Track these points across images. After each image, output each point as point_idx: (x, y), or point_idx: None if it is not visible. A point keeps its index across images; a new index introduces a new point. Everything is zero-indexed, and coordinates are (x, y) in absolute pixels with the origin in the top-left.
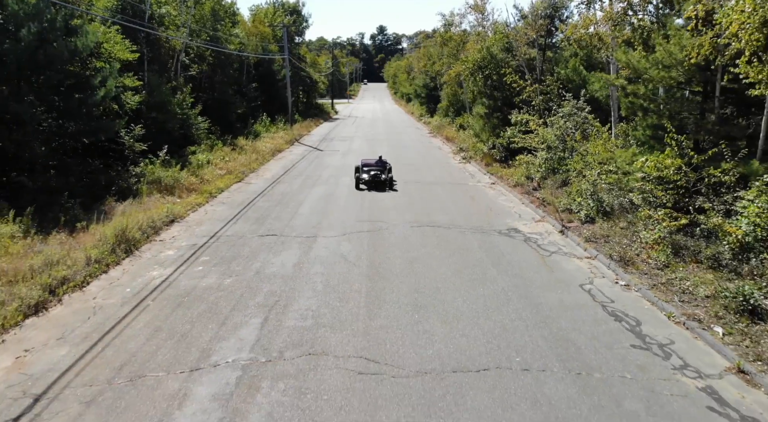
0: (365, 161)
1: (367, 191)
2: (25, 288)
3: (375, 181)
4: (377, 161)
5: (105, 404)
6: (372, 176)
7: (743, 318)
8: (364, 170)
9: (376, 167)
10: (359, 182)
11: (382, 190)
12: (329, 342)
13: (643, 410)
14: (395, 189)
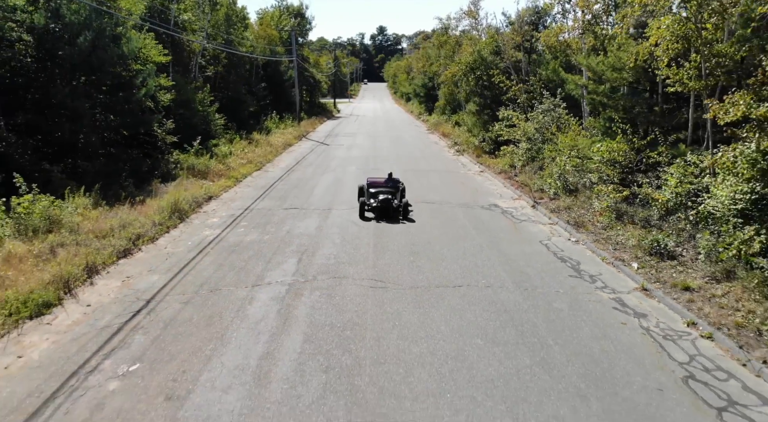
0: (372, 180)
1: None
2: (114, 240)
3: (384, 207)
4: (386, 180)
5: (197, 303)
6: (381, 202)
7: (654, 258)
8: (370, 193)
9: (386, 189)
10: (364, 210)
11: (394, 220)
12: (348, 271)
13: (567, 307)
14: (411, 219)
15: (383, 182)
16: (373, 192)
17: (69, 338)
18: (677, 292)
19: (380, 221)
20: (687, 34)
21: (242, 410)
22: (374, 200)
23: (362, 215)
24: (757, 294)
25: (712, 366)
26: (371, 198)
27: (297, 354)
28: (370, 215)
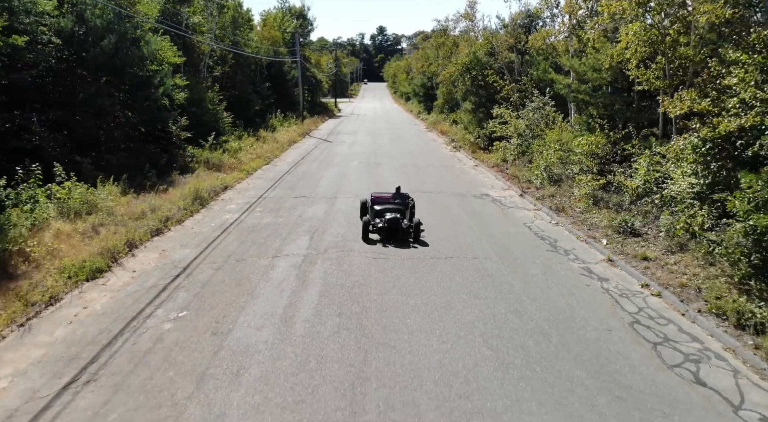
0: (377, 196)
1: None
2: (146, 221)
3: (392, 229)
4: (394, 195)
5: (227, 269)
6: (388, 222)
7: (622, 235)
8: (375, 211)
9: (394, 206)
10: (369, 231)
11: (403, 244)
12: (354, 246)
13: (541, 273)
14: (424, 242)
15: (390, 197)
16: (379, 210)
17: (123, 294)
18: (637, 262)
19: (387, 245)
20: (652, 39)
21: (274, 341)
22: (380, 220)
23: (366, 237)
24: (702, 261)
25: (656, 315)
26: (376, 217)
27: (315, 304)
28: (376, 237)
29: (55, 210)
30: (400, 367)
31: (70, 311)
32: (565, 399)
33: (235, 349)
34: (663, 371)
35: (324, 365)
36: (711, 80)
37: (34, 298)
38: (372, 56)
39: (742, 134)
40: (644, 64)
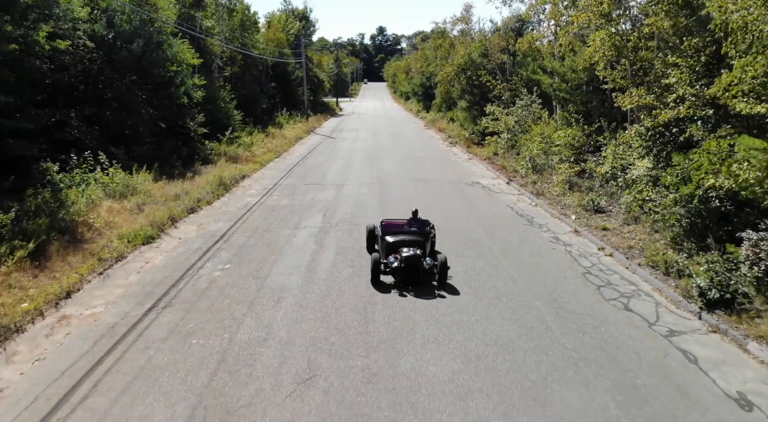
0: (389, 223)
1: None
2: (181, 202)
3: (411, 269)
4: (410, 222)
5: (257, 237)
6: (406, 262)
7: (589, 212)
8: (387, 243)
9: (410, 237)
10: (379, 271)
11: (426, 292)
12: (361, 221)
13: (516, 241)
14: (453, 289)
15: (404, 224)
16: (392, 242)
17: (176, 253)
18: (597, 231)
19: (405, 293)
20: (616, 44)
21: (303, 282)
22: (394, 258)
23: (377, 280)
24: (649, 229)
25: (605, 268)
26: (389, 252)
27: (331, 259)
28: (389, 280)
29: (101, 192)
30: (396, 304)
31: (136, 265)
32: (523, 318)
33: (274, 287)
34: (601, 302)
35: (342, 296)
36: (656, 79)
37: (104, 255)
38: (372, 56)
39: (678, 123)
40: (611, 65)
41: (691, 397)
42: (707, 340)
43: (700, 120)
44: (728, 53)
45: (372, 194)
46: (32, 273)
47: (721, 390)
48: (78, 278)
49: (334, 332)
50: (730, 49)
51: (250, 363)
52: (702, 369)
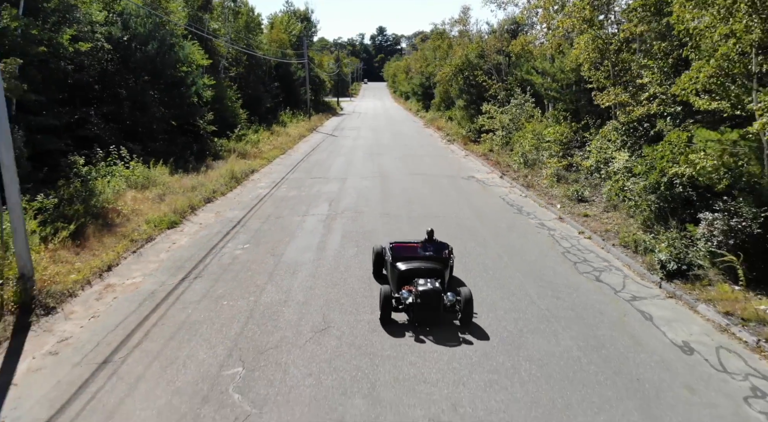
0: (399, 245)
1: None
2: (197, 192)
3: (430, 307)
4: (424, 244)
5: (270, 222)
6: (423, 297)
7: (573, 202)
8: (399, 272)
9: (426, 264)
10: (390, 308)
11: (448, 336)
12: (364, 209)
13: (505, 226)
14: (482, 331)
15: (418, 247)
16: (404, 270)
17: (199, 236)
18: (579, 218)
19: (423, 338)
20: (599, 47)
21: (314, 258)
22: (408, 292)
23: (387, 318)
24: (625, 215)
25: (583, 248)
26: (401, 282)
27: (339, 241)
28: (403, 317)
29: (124, 183)
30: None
31: (164, 245)
32: (505, 286)
33: (289, 262)
34: (576, 275)
35: (349, 269)
36: (632, 79)
37: (135, 237)
38: (372, 56)
39: (649, 119)
40: (595, 66)
41: (642, 344)
42: (663, 304)
43: (669, 116)
44: (689, 56)
45: (374, 187)
46: (74, 251)
47: (669, 339)
48: (115, 255)
49: (343, 295)
50: (689, 53)
51: (274, 319)
52: (655, 325)
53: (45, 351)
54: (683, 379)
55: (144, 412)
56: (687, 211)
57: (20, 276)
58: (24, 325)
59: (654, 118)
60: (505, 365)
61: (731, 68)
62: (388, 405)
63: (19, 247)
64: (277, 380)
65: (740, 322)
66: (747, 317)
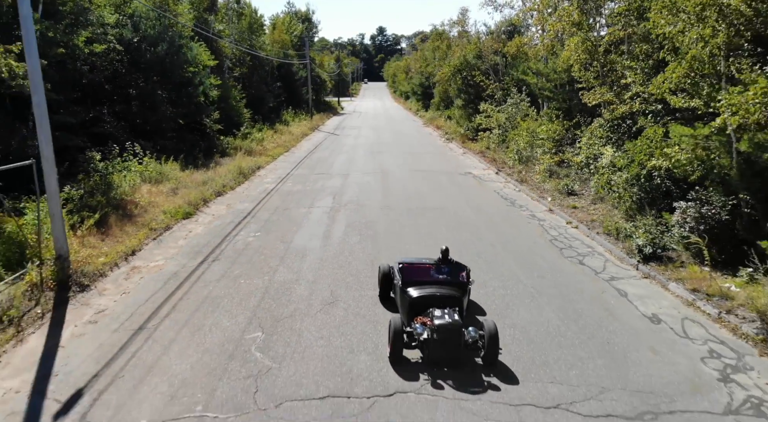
0: (410, 266)
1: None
2: (208, 187)
3: (450, 344)
4: (437, 266)
5: (278, 213)
6: (442, 332)
7: (563, 195)
8: (410, 299)
9: (441, 289)
10: (402, 345)
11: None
12: (366, 203)
13: (498, 218)
14: (509, 373)
15: (431, 269)
16: (417, 297)
17: (213, 225)
18: (568, 210)
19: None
20: (588, 49)
21: (321, 245)
22: (422, 325)
23: (399, 356)
24: (610, 206)
25: (570, 237)
26: (413, 312)
27: (343, 230)
28: (414, 354)
29: (139, 178)
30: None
31: (181, 233)
32: (496, 269)
33: (298, 248)
34: (561, 259)
35: (353, 254)
36: (617, 79)
37: (154, 226)
38: (372, 56)
39: (632, 116)
40: (585, 67)
41: (616, 316)
42: (638, 283)
43: (651, 114)
44: (665, 58)
45: (375, 182)
46: (100, 238)
47: (640, 312)
48: (137, 241)
49: (348, 275)
50: (666, 55)
51: (287, 294)
52: (629, 300)
53: (85, 321)
54: (649, 343)
55: (179, 366)
56: (665, 201)
57: (57, 257)
58: (63, 299)
59: (636, 115)
60: None
61: (701, 69)
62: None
63: (56, 231)
64: (293, 342)
65: (705, 297)
66: (711, 293)
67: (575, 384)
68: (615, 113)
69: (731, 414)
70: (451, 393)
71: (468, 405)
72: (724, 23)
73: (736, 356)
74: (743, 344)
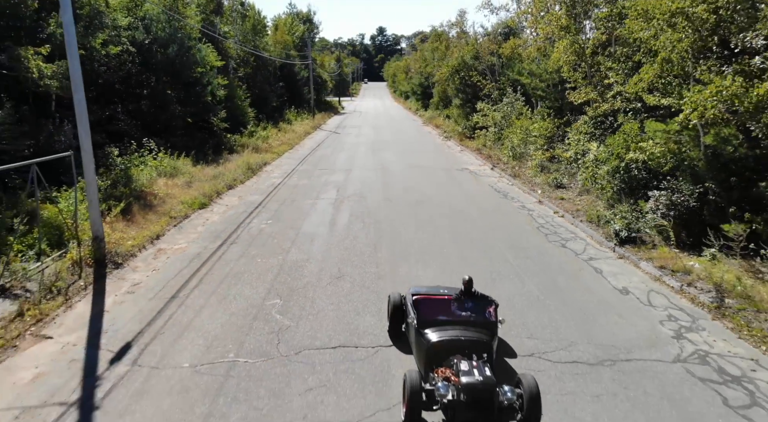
0: (426, 299)
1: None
2: (220, 180)
3: (480, 407)
4: (460, 300)
5: (287, 204)
6: (471, 392)
7: (552, 188)
8: (430, 345)
9: (467, 334)
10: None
11: None
12: (368, 195)
13: (491, 208)
14: None
15: (451, 302)
16: (436, 343)
17: (227, 215)
18: (556, 201)
19: None
20: (576, 51)
21: (327, 232)
22: (445, 383)
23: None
24: (594, 197)
25: (556, 224)
26: (431, 358)
27: (347, 218)
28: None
29: (155, 172)
30: (396, 242)
31: (199, 221)
32: (485, 251)
33: (307, 233)
34: (546, 243)
35: (357, 238)
36: (600, 80)
37: (174, 214)
38: (372, 56)
39: (613, 113)
40: (574, 68)
41: (590, 289)
42: (613, 262)
43: (631, 111)
44: (641, 61)
45: (376, 177)
46: (125, 224)
47: (612, 286)
48: (160, 227)
49: (353, 256)
50: (641, 57)
51: (300, 270)
52: (603, 277)
53: (123, 291)
54: (616, 310)
55: (211, 325)
56: (642, 191)
57: (95, 238)
58: (101, 274)
59: (618, 113)
60: None
61: (671, 70)
62: None
63: (93, 215)
64: (307, 306)
65: (670, 273)
66: (676, 269)
67: (548, 339)
68: (598, 110)
69: (679, 362)
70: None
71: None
72: (691, 29)
73: (691, 319)
74: (699, 310)
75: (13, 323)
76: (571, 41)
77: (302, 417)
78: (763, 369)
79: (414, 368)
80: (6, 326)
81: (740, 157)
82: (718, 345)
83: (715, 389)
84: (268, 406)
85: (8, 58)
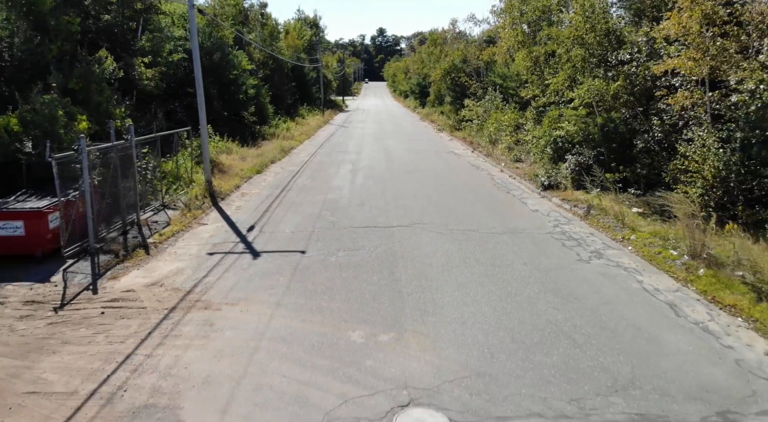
0: None
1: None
2: (263, 158)
3: None
4: None
5: (317, 171)
6: None
7: (512, 162)
8: None
9: None
10: None
11: None
12: (376, 167)
13: (465, 174)
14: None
15: None
16: None
17: (279, 176)
18: (514, 170)
19: None
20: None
21: (350, 187)
22: None
23: None
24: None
25: (507, 182)
26: None
27: (362, 179)
28: None
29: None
30: (397, 190)
31: (260, 180)
32: (457, 195)
33: (335, 186)
34: (496, 190)
35: (369, 189)
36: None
37: (242, 175)
38: (372, 56)
39: (550, 105)
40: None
41: (514, 209)
42: (536, 198)
43: (562, 102)
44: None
45: (381, 157)
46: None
47: (529, 209)
48: (237, 181)
49: (369, 196)
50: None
51: (337, 202)
52: (525, 205)
53: (233, 209)
54: (525, 217)
55: (294, 219)
56: (565, 156)
57: (207, 181)
58: (215, 202)
59: (551, 104)
60: (428, 210)
61: (574, 74)
62: (394, 218)
63: (206, 166)
64: (345, 215)
65: (567, 202)
66: (570, 199)
67: (475, 228)
68: (539, 102)
69: (549, 234)
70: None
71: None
72: (583, 49)
73: (567, 220)
74: (573, 217)
75: (184, 218)
76: (528, 52)
77: (352, 246)
78: (593, 237)
79: None
80: (181, 219)
81: (621, 131)
82: (576, 230)
83: (562, 241)
84: (333, 243)
85: (125, 65)
